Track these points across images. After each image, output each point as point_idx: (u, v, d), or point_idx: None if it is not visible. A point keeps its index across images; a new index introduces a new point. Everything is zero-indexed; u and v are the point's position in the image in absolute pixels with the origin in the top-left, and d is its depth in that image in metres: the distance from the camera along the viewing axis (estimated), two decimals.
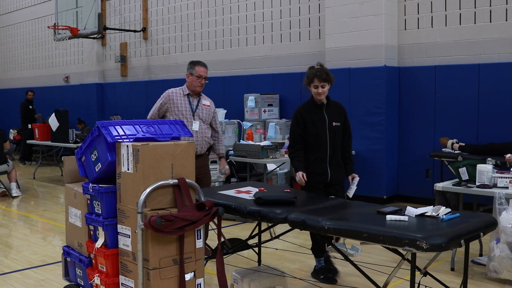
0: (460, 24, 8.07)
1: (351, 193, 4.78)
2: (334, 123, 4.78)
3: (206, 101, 5.59)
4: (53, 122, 11.18)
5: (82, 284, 3.79)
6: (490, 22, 7.78)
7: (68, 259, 3.95)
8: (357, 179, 4.87)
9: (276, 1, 10.35)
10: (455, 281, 4.64)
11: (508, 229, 4.63)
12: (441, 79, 8.23)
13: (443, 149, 7.68)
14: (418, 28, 8.50)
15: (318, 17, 9.66)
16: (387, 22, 8.46)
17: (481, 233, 3.30)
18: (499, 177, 4.99)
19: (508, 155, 6.36)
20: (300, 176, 4.64)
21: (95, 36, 13.68)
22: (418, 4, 8.48)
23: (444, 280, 3.95)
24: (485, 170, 5.05)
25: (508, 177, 4.94)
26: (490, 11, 7.78)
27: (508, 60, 7.61)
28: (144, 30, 13.21)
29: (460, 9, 8.06)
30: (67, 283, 4.02)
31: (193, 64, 5.49)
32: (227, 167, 5.71)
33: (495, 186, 5.01)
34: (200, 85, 5.42)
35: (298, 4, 9.99)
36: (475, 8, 7.91)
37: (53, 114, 11.23)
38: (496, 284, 4.82)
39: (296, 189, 4.97)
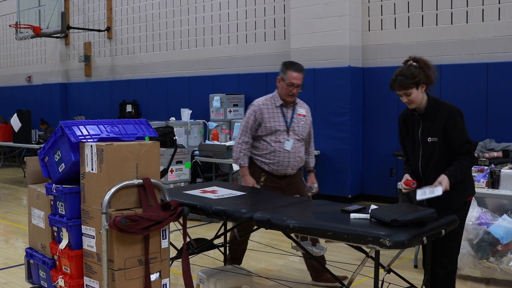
0: (422, 26, 8.21)
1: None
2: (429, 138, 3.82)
3: (301, 109, 4.70)
4: (15, 122, 11.00)
5: (46, 286, 3.73)
6: (451, 24, 7.93)
7: (31, 261, 3.88)
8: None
9: (241, 2, 10.36)
10: (419, 277, 4.71)
11: (469, 226, 4.73)
12: None
13: None
14: (381, 29, 8.62)
15: (283, 18, 9.70)
16: (351, 23, 8.55)
17: (443, 230, 3.37)
18: None
19: None
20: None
21: (58, 35, 13.47)
22: (381, 5, 8.60)
23: (408, 277, 4.01)
24: None
25: None
26: (451, 13, 7.93)
27: (468, 61, 7.77)
28: (108, 29, 13.07)
29: (422, 11, 8.20)
30: (30, 285, 3.96)
31: (286, 67, 4.55)
32: (315, 184, 4.81)
33: None
34: (291, 94, 4.54)
35: (263, 5, 10.02)
36: (436, 10, 8.06)
37: (15, 114, 11.05)
38: (458, 280, 4.90)
39: (252, 187, 4.70)
